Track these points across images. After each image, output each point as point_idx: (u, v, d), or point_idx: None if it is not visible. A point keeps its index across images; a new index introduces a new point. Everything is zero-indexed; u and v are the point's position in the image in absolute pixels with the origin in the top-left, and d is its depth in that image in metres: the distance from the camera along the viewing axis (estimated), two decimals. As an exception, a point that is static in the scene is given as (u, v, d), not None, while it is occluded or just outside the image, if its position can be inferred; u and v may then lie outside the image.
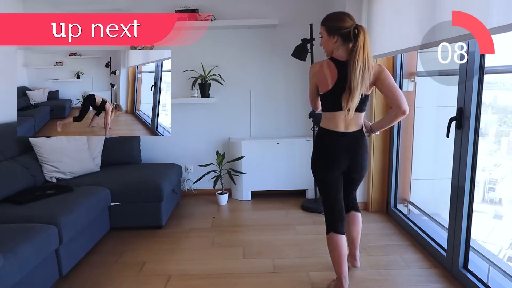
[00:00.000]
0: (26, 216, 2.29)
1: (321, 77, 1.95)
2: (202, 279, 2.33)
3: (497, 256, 2.33)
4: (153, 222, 3.07)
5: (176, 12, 3.57)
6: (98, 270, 2.47)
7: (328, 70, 1.93)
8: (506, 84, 2.44)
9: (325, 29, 1.97)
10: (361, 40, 1.84)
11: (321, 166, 2.05)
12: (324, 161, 2.04)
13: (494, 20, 1.59)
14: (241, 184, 3.83)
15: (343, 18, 1.93)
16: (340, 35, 1.91)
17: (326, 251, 2.62)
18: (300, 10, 3.76)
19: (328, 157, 2.02)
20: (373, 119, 3.28)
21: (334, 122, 1.98)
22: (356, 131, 2.01)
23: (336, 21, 1.93)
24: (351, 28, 1.88)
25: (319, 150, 2.06)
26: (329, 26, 1.95)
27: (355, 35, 1.86)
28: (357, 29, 1.87)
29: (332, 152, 2.01)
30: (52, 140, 3.14)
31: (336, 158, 2.00)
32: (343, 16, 1.93)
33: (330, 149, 2.01)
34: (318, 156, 2.07)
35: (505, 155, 2.64)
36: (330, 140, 2.01)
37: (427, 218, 2.91)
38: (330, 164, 2.02)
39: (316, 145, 2.08)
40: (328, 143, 2.02)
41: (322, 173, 2.06)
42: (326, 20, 1.99)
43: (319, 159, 2.06)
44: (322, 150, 2.05)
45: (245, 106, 3.97)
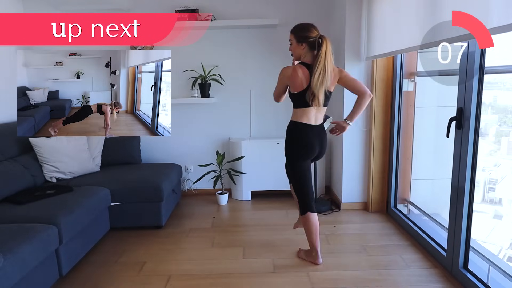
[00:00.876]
0: (26, 216, 2.29)
1: (296, 80, 2.27)
2: (202, 279, 2.33)
3: (497, 256, 2.33)
4: (153, 222, 3.07)
5: (176, 12, 3.57)
6: (98, 270, 2.47)
7: (303, 73, 2.26)
8: (506, 84, 2.44)
9: (294, 37, 2.30)
10: (323, 49, 2.21)
11: (301, 154, 2.38)
12: (303, 150, 2.36)
13: (494, 20, 1.59)
14: (241, 184, 3.83)
15: (310, 29, 2.27)
16: (307, 43, 2.26)
17: (326, 251, 2.64)
18: (300, 10, 3.76)
19: (307, 146, 2.36)
20: (373, 119, 3.28)
21: (307, 116, 2.33)
22: (321, 123, 2.43)
23: (305, 31, 2.27)
24: (316, 38, 2.24)
25: (297, 141, 2.37)
26: (299, 35, 2.28)
27: (319, 44, 2.22)
28: (321, 39, 2.23)
29: (310, 141, 2.35)
30: (52, 140, 3.14)
31: (312, 146, 2.37)
32: (311, 28, 2.28)
33: (308, 139, 2.35)
34: (297, 146, 2.37)
35: (505, 155, 2.64)
36: (306, 131, 2.34)
37: (427, 218, 2.91)
38: (309, 152, 2.37)
39: (293, 137, 2.37)
40: (305, 134, 2.35)
41: (301, 160, 2.39)
42: (296, 30, 2.32)
43: (298, 148, 2.37)
44: (301, 141, 2.36)
45: (245, 106, 3.97)
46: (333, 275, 2.34)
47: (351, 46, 3.29)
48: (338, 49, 3.50)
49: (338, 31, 3.49)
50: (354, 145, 3.44)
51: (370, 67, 3.28)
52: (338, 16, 3.48)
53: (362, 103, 2.33)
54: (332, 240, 2.86)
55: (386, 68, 3.21)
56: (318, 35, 2.25)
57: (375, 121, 3.29)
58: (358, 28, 3.26)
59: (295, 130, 2.37)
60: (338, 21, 3.50)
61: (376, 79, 3.23)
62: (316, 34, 2.26)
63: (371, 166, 3.37)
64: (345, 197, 3.52)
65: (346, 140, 3.43)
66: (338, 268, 2.43)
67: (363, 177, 3.48)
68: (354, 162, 3.46)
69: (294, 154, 2.40)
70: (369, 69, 3.29)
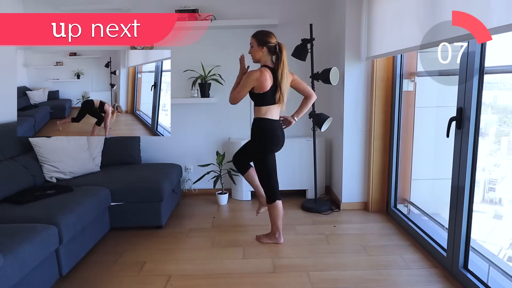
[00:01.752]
0: (26, 216, 2.29)
1: (265, 81, 2.52)
2: (202, 279, 2.34)
3: (497, 256, 2.32)
4: (153, 222, 3.07)
5: (176, 12, 3.57)
6: (98, 270, 2.47)
7: (268, 75, 2.53)
8: (506, 84, 2.44)
9: (256, 40, 2.57)
10: (283, 55, 2.55)
11: (271, 147, 2.65)
12: (273, 143, 2.64)
13: (494, 20, 1.59)
14: (241, 184, 3.83)
15: (270, 35, 2.57)
16: (267, 48, 2.55)
17: (326, 251, 2.64)
18: (300, 10, 3.77)
19: (277, 139, 2.64)
20: (373, 119, 3.28)
21: (271, 112, 2.61)
22: (280, 118, 2.73)
23: (265, 37, 2.55)
24: (275, 44, 2.56)
25: (267, 134, 2.62)
26: (259, 39, 2.56)
27: (280, 49, 2.55)
28: (280, 45, 2.56)
29: (277, 135, 2.64)
30: (52, 140, 3.14)
31: (279, 139, 2.66)
32: (271, 34, 2.58)
33: (275, 133, 2.63)
34: (267, 139, 2.62)
35: (505, 155, 2.64)
36: (274, 126, 2.63)
37: (427, 218, 2.91)
38: (278, 144, 2.67)
39: (263, 132, 2.62)
40: (273, 128, 2.62)
41: (270, 153, 2.69)
42: (257, 34, 2.58)
43: (268, 142, 2.63)
44: (270, 135, 2.62)
45: (245, 106, 3.96)
46: (333, 275, 2.34)
47: (351, 46, 3.29)
48: (338, 49, 3.50)
49: (338, 31, 3.49)
50: (354, 145, 3.44)
51: (370, 67, 3.28)
52: (338, 16, 3.48)
53: (308, 103, 2.75)
54: (332, 240, 2.86)
55: (386, 68, 3.21)
56: (277, 42, 2.56)
57: (375, 121, 3.29)
58: (358, 28, 3.26)
59: (264, 125, 2.61)
60: (338, 21, 3.50)
61: (376, 79, 3.23)
62: (275, 40, 2.56)
63: (371, 166, 3.37)
64: (345, 197, 3.52)
65: (346, 140, 3.43)
66: (338, 268, 2.43)
67: (363, 177, 3.48)
68: (354, 162, 3.46)
69: (265, 147, 2.64)
70: (369, 69, 3.29)
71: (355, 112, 3.38)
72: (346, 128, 3.41)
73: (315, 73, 3.37)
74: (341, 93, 3.43)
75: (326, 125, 3.29)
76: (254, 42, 2.58)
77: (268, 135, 2.62)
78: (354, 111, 3.38)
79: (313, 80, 3.39)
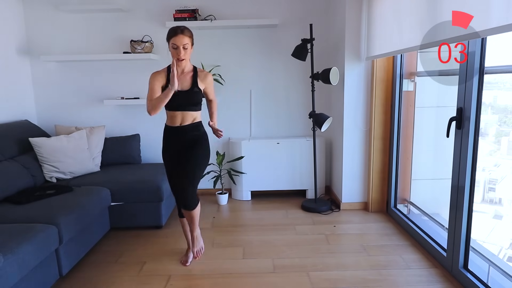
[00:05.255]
0: (26, 216, 2.29)
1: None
2: (202, 279, 2.33)
3: (497, 256, 2.32)
4: (153, 222, 3.07)
5: (176, 12, 3.57)
6: (98, 270, 2.47)
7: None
8: (506, 84, 2.44)
9: (191, 40, 2.28)
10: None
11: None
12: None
13: (494, 20, 1.59)
14: (241, 184, 3.84)
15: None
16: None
17: (326, 251, 2.64)
18: (300, 10, 3.77)
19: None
20: (373, 119, 3.28)
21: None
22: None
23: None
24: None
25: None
26: (192, 38, 2.30)
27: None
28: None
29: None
30: (52, 140, 3.14)
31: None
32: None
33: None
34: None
35: (505, 155, 2.64)
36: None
37: (427, 218, 2.91)
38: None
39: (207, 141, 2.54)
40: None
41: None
42: (191, 33, 2.29)
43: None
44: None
45: (245, 106, 3.97)
46: (333, 275, 2.34)
47: (351, 46, 3.29)
48: (338, 49, 3.50)
49: (338, 31, 3.49)
50: (354, 145, 3.44)
51: (370, 67, 3.28)
52: (338, 16, 3.48)
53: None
54: (332, 240, 2.86)
55: (386, 68, 3.21)
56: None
57: (375, 121, 3.29)
58: (358, 28, 3.26)
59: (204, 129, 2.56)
60: (338, 21, 3.50)
61: (376, 79, 3.23)
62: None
63: (371, 166, 3.37)
64: (345, 197, 3.52)
65: (346, 140, 3.43)
66: (338, 268, 2.43)
67: (363, 177, 3.48)
68: (354, 162, 3.46)
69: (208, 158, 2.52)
70: (369, 69, 3.29)
71: (355, 112, 3.38)
72: (346, 128, 3.41)
73: (315, 73, 3.37)
74: (341, 93, 3.43)
75: (326, 125, 3.29)
76: (189, 42, 2.25)
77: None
78: (354, 111, 3.38)
79: (313, 80, 3.40)
